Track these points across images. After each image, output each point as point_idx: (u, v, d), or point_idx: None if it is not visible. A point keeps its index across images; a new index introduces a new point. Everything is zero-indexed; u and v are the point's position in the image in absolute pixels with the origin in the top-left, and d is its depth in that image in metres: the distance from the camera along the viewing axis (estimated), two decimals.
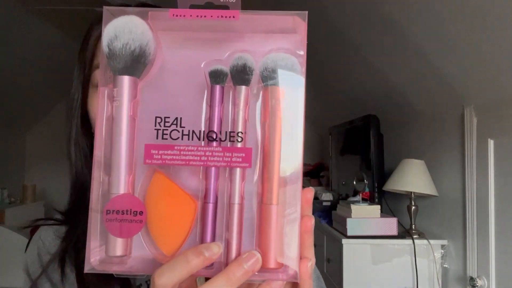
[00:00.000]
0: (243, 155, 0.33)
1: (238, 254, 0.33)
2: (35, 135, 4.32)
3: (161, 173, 0.34)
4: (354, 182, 2.16)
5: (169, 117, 0.34)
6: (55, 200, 3.98)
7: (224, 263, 0.33)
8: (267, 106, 0.35)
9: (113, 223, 0.32)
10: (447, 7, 1.37)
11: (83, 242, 0.53)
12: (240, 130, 0.34)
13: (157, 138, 0.34)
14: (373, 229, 1.84)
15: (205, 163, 0.33)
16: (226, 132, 0.34)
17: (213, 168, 0.34)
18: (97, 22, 0.56)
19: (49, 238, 0.59)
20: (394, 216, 1.97)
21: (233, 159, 0.33)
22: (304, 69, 0.35)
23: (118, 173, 0.33)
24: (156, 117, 0.34)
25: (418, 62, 1.74)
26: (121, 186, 0.33)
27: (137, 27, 0.34)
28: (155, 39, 0.35)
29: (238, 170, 0.34)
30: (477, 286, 1.55)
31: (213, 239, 0.34)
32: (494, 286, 1.50)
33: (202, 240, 0.33)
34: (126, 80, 0.34)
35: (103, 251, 0.33)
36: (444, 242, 1.82)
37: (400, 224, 1.89)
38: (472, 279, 1.58)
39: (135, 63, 0.34)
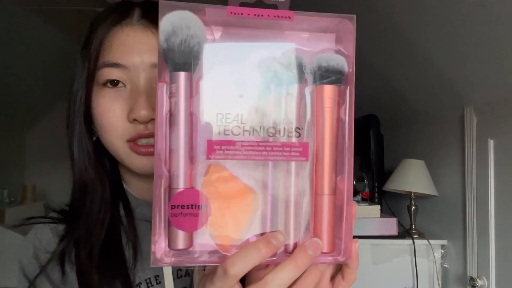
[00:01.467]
0: (301, 149, 0.35)
1: (296, 242, 0.35)
2: (35, 135, 4.29)
3: (219, 166, 0.35)
4: (354, 182, 2.16)
5: (230, 113, 0.35)
6: (55, 200, 3.94)
7: (283, 252, 0.35)
8: (319, 104, 0.37)
9: (178, 217, 0.34)
10: (447, 7, 1.37)
11: (85, 241, 0.53)
12: (297, 126, 0.36)
13: (218, 134, 0.35)
14: (373, 229, 1.84)
15: (266, 157, 0.35)
16: (284, 128, 0.36)
17: (270, 162, 0.36)
18: (100, 21, 0.55)
19: (47, 236, 0.57)
20: (394, 216, 1.97)
21: (292, 153, 0.35)
22: (352, 70, 0.37)
23: (180, 168, 0.34)
24: (217, 114, 0.35)
25: (418, 62, 1.74)
26: (184, 181, 0.34)
27: (193, 23, 0.34)
28: (210, 35, 0.36)
29: (294, 163, 0.36)
30: (477, 286, 1.55)
31: (272, 229, 0.35)
32: (494, 286, 1.50)
33: (262, 230, 0.35)
34: (184, 76, 0.35)
35: (166, 245, 0.34)
36: (444, 242, 1.82)
37: (400, 224, 1.89)
38: (472, 279, 1.58)
39: (193, 59, 0.35)
